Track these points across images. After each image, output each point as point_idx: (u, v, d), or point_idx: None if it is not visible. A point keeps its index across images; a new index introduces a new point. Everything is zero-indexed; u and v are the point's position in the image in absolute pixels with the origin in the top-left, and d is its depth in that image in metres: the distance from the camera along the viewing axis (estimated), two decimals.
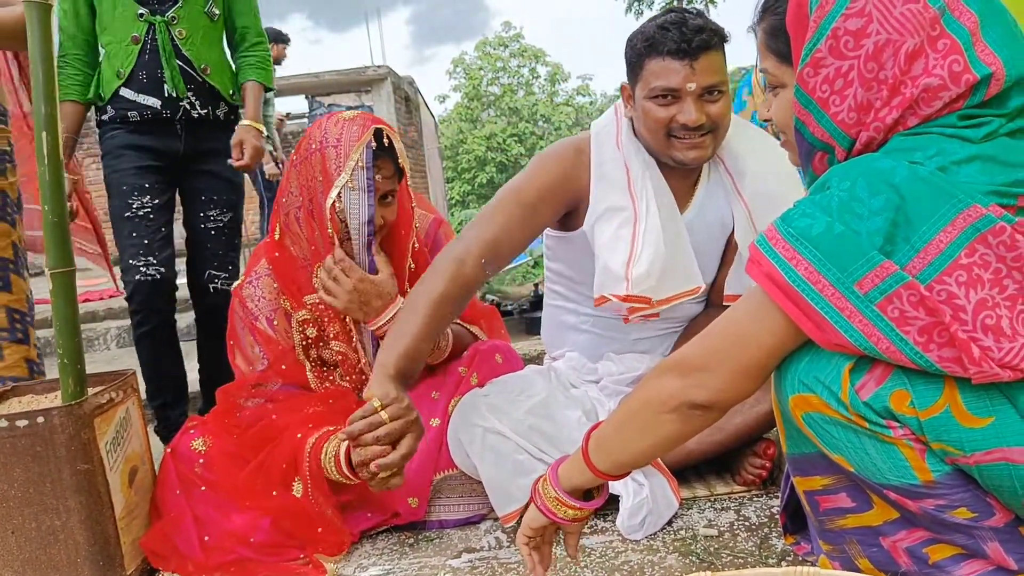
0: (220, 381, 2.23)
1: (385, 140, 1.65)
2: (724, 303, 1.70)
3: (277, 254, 1.76)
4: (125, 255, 2.23)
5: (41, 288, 1.54)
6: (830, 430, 0.96)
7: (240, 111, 2.41)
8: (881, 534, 1.02)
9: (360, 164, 1.62)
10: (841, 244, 0.90)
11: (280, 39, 6.39)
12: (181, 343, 2.40)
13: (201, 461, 1.61)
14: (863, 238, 0.89)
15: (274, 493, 1.58)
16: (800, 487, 1.09)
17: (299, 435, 1.60)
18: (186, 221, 2.38)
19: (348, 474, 1.51)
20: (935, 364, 0.87)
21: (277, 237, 1.76)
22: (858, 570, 1.05)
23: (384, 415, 1.33)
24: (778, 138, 1.21)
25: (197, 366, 2.46)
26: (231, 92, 2.38)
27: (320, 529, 1.56)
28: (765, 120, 1.15)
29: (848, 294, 0.89)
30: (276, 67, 6.30)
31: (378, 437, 1.33)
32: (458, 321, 1.82)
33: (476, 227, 1.58)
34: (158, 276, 2.21)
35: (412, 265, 1.78)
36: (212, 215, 2.34)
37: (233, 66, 2.42)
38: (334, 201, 1.62)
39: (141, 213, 2.24)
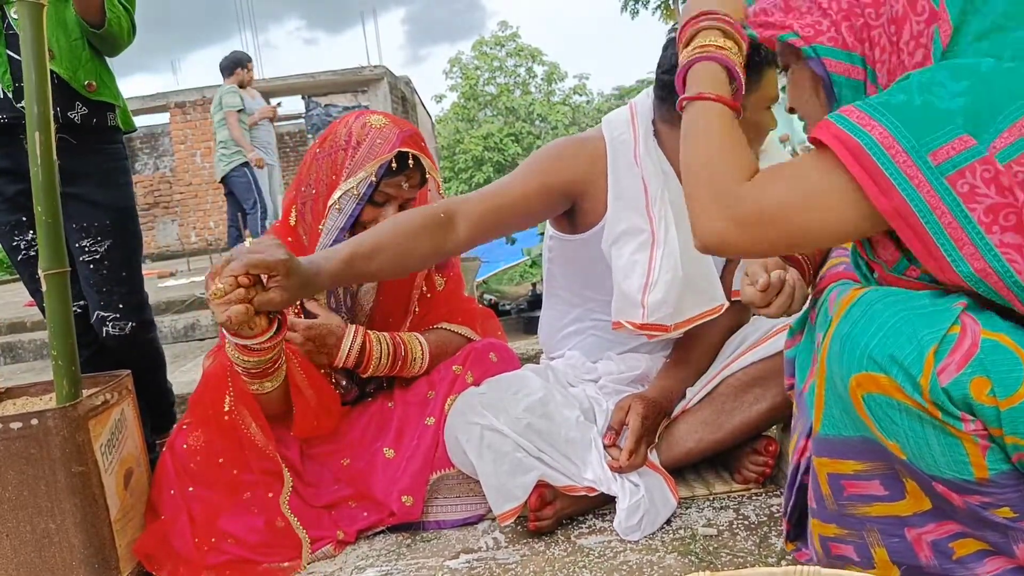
0: (157, 407, 2.17)
1: (410, 162, 1.66)
2: (732, 299, 1.69)
3: (290, 239, 1.77)
4: (37, 298, 1.93)
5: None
6: (893, 415, 0.93)
7: (114, 113, 2.03)
8: (908, 525, 1.00)
9: (372, 178, 1.63)
10: (921, 113, 0.89)
11: (242, 63, 6.37)
12: (174, 345, 2.36)
13: (198, 458, 1.60)
14: (943, 113, 0.88)
15: (345, 462, 1.62)
16: (824, 468, 1.06)
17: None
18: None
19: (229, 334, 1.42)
20: (994, 248, 0.86)
21: (292, 223, 1.77)
22: (870, 557, 1.03)
23: (247, 243, 1.31)
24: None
25: (183, 372, 2.40)
26: (86, 83, 1.93)
27: (247, 452, 1.55)
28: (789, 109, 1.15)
29: (919, 162, 0.88)
30: (241, 91, 6.21)
31: (227, 259, 1.31)
32: (446, 326, 1.82)
33: (471, 196, 1.59)
34: (76, 312, 1.90)
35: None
36: (85, 246, 1.97)
37: (93, 51, 1.97)
38: (334, 202, 1.64)
39: (33, 253, 1.90)
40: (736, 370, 1.63)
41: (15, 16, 1.83)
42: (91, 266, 1.98)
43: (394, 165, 1.64)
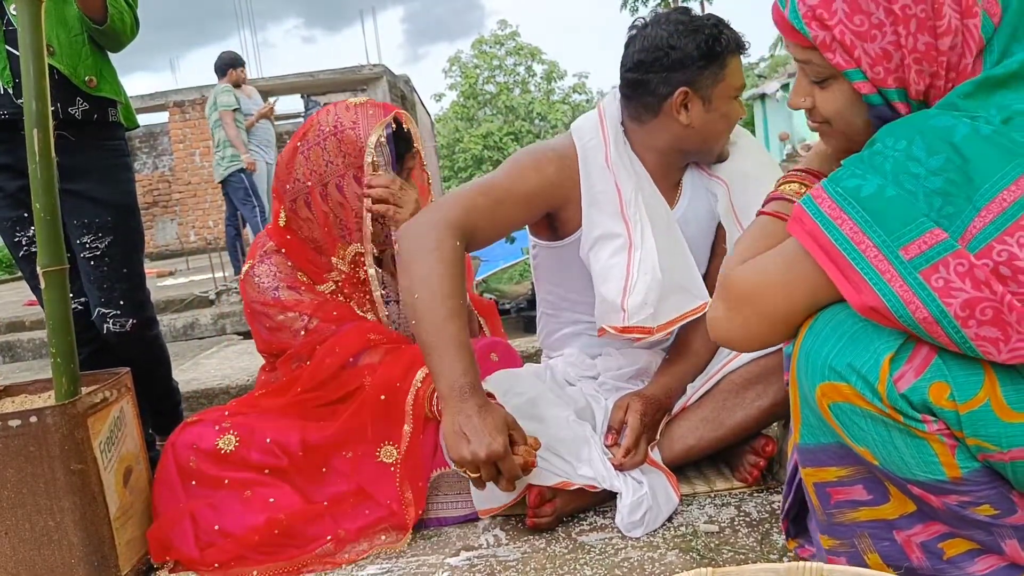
0: (161, 406, 2.17)
1: (405, 127, 1.74)
2: None
3: (288, 237, 1.79)
4: (38, 295, 1.84)
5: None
6: (859, 422, 0.94)
7: (115, 109, 2.03)
8: (896, 528, 1.00)
9: (381, 141, 1.72)
10: (891, 207, 0.88)
11: (236, 63, 6.40)
12: (173, 344, 2.34)
13: (199, 457, 1.59)
14: (919, 200, 0.87)
15: (347, 455, 1.63)
16: (810, 479, 1.07)
17: (398, 384, 1.62)
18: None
19: None
20: (970, 341, 0.85)
21: (283, 223, 1.78)
22: (865, 565, 1.03)
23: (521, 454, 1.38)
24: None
25: (183, 371, 2.38)
26: (87, 78, 1.92)
27: (405, 494, 1.58)
28: (798, 108, 1.10)
29: (892, 258, 0.87)
30: (237, 90, 6.23)
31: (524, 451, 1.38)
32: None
33: (442, 208, 1.52)
34: (78, 308, 1.93)
35: None
36: (86, 242, 1.96)
37: (95, 46, 1.96)
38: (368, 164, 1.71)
39: (35, 249, 1.77)
40: (738, 367, 1.63)
41: (14, 12, 1.83)
42: (92, 263, 1.98)
43: (392, 126, 1.72)
